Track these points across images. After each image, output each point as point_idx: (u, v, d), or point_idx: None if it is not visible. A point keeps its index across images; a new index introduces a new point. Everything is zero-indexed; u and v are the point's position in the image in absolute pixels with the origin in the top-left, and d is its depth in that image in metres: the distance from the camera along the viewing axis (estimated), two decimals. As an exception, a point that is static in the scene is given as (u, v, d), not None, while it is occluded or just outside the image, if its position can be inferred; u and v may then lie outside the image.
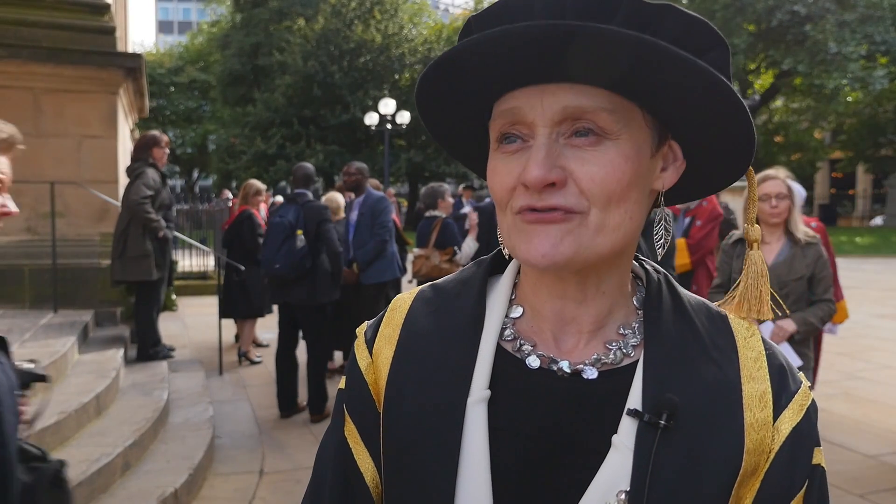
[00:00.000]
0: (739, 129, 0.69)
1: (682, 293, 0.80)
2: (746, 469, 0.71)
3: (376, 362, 0.82)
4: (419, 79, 0.72)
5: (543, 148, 0.67)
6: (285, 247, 5.19)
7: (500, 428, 0.74)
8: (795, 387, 0.75)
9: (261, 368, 6.89)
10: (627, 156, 0.68)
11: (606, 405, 0.73)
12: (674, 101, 0.68)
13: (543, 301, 0.77)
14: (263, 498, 3.97)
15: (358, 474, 0.81)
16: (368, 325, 0.88)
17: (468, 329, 0.79)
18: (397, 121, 21.42)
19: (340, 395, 0.87)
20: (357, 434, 0.83)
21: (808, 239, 3.54)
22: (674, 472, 0.68)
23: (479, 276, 0.83)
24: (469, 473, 0.72)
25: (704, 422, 0.70)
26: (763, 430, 0.72)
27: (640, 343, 0.76)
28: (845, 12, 19.20)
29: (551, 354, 0.76)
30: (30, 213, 6.36)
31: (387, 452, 0.79)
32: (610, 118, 0.67)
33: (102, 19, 6.82)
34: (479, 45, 0.65)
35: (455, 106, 0.76)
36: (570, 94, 0.67)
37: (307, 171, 5.55)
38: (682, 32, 0.66)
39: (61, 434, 3.72)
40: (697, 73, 0.63)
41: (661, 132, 0.72)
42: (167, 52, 43.33)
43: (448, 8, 56.01)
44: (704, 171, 0.77)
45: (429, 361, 0.79)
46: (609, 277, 0.75)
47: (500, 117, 0.71)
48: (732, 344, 0.76)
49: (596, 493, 0.69)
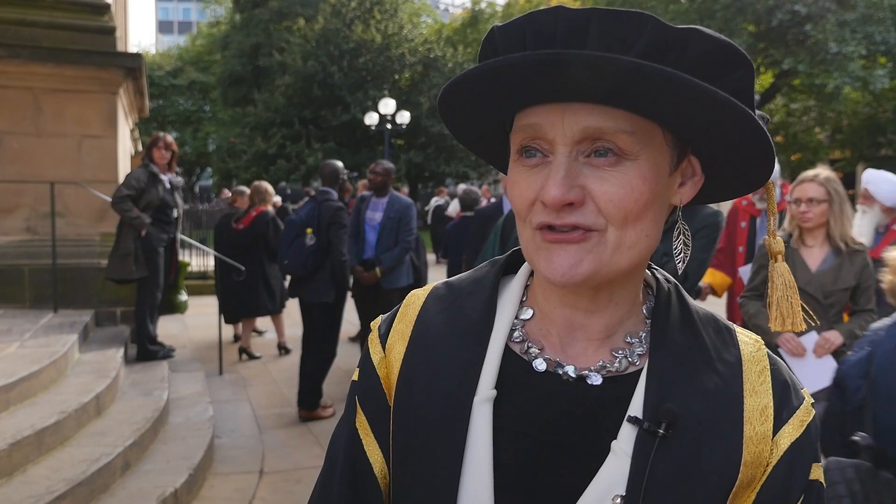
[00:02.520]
0: (758, 150, 0.70)
1: (691, 304, 0.81)
2: (743, 481, 0.72)
3: (389, 357, 0.84)
4: (441, 93, 0.74)
5: (563, 168, 0.68)
6: (295, 244, 5.22)
7: (504, 428, 0.75)
8: (798, 402, 0.77)
9: (261, 368, 6.89)
10: (646, 176, 0.69)
11: (608, 411, 0.74)
12: (693, 122, 0.69)
13: (553, 307, 0.78)
14: (263, 498, 3.96)
15: (367, 465, 0.83)
16: (382, 319, 0.90)
17: (478, 328, 0.80)
18: (397, 121, 21.40)
19: (353, 386, 0.88)
20: (368, 426, 0.84)
21: (854, 246, 3.26)
22: (670, 480, 0.70)
23: (493, 276, 0.85)
24: (472, 471, 0.74)
25: (704, 432, 0.72)
26: (762, 444, 0.73)
27: (645, 352, 0.77)
28: (846, 12, 19.19)
29: (558, 358, 0.77)
30: (30, 213, 6.36)
31: (396, 445, 0.81)
32: (629, 139, 0.67)
33: (102, 19, 6.82)
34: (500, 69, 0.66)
35: (477, 117, 0.77)
36: (592, 115, 0.67)
37: (332, 168, 5.56)
38: (705, 56, 0.66)
39: (61, 434, 3.72)
40: (714, 101, 0.64)
41: (681, 149, 0.73)
42: (167, 52, 43.33)
43: (448, 8, 56.00)
44: (721, 184, 0.78)
45: (439, 358, 0.80)
46: (622, 290, 0.76)
47: (521, 131, 0.71)
48: (738, 357, 0.77)
49: (592, 496, 0.71)
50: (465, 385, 0.77)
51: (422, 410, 0.78)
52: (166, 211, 5.90)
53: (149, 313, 5.86)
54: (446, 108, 0.77)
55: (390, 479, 0.83)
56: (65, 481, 3.28)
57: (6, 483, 3.24)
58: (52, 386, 4.26)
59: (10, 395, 3.80)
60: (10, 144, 6.30)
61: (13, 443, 3.35)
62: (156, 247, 5.79)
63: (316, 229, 5.23)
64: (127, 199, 5.56)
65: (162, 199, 5.82)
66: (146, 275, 5.72)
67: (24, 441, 3.41)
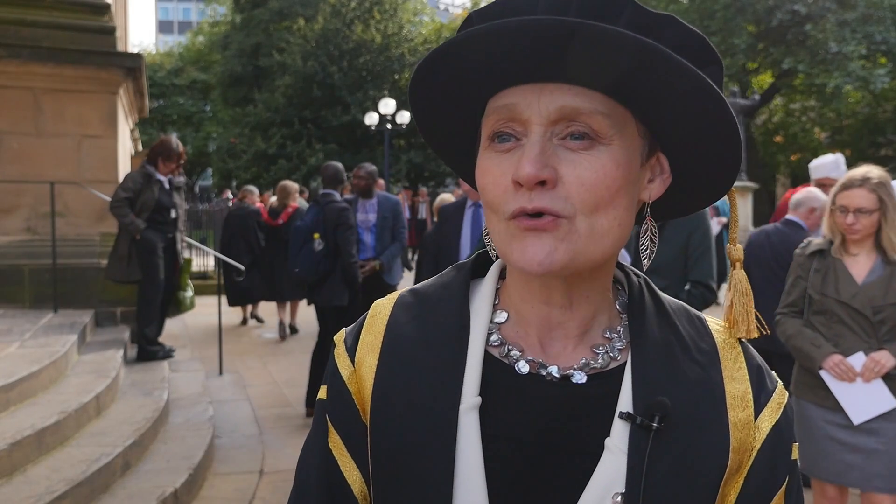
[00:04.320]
0: (727, 146, 0.70)
1: (662, 297, 0.81)
2: (732, 467, 0.73)
3: (359, 371, 0.80)
4: (416, 67, 0.72)
5: (537, 145, 0.66)
6: (304, 250, 5.23)
7: (493, 435, 0.73)
8: (772, 386, 0.78)
9: (261, 368, 6.90)
10: (619, 162, 0.68)
11: (597, 408, 0.73)
12: (668, 110, 0.69)
13: (529, 307, 0.77)
14: (263, 498, 3.97)
15: (345, 486, 0.79)
16: (347, 332, 0.85)
17: (454, 335, 0.77)
18: (397, 121, 21.41)
19: (321, 404, 0.84)
20: (342, 445, 0.80)
21: None
22: (667, 473, 0.70)
23: (461, 281, 0.82)
24: (465, 482, 0.71)
25: (693, 422, 0.72)
26: (746, 430, 0.74)
27: (625, 346, 0.76)
28: (846, 12, 19.19)
29: (539, 360, 0.75)
30: (30, 213, 6.36)
31: (376, 462, 0.77)
32: (605, 122, 0.67)
33: (102, 19, 6.82)
34: (478, 37, 0.65)
35: (449, 99, 0.76)
36: (568, 94, 0.67)
37: (334, 169, 5.57)
38: (680, 44, 0.66)
39: (61, 434, 3.72)
40: (695, 82, 0.64)
41: (651, 143, 0.73)
42: (167, 52, 43.32)
43: (448, 8, 56.01)
44: (689, 188, 0.78)
45: (416, 369, 0.77)
46: (594, 283, 0.76)
47: (495, 113, 0.70)
48: (713, 346, 0.78)
49: (592, 495, 0.70)
50: (448, 394, 0.74)
51: (404, 424, 0.75)
52: (163, 212, 5.88)
53: (147, 314, 5.85)
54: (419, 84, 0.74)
55: (371, 499, 0.79)
56: (65, 481, 3.28)
57: (6, 483, 3.24)
58: (52, 386, 4.26)
59: (10, 395, 3.80)
60: (10, 144, 6.30)
61: (13, 443, 3.35)
62: (153, 249, 5.77)
63: (323, 233, 5.23)
64: (124, 203, 5.57)
65: (158, 200, 5.79)
66: (140, 277, 5.72)
67: (24, 441, 3.41)
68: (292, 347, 7.69)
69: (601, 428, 0.72)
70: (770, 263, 4.10)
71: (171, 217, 5.97)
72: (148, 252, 5.75)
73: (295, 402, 5.74)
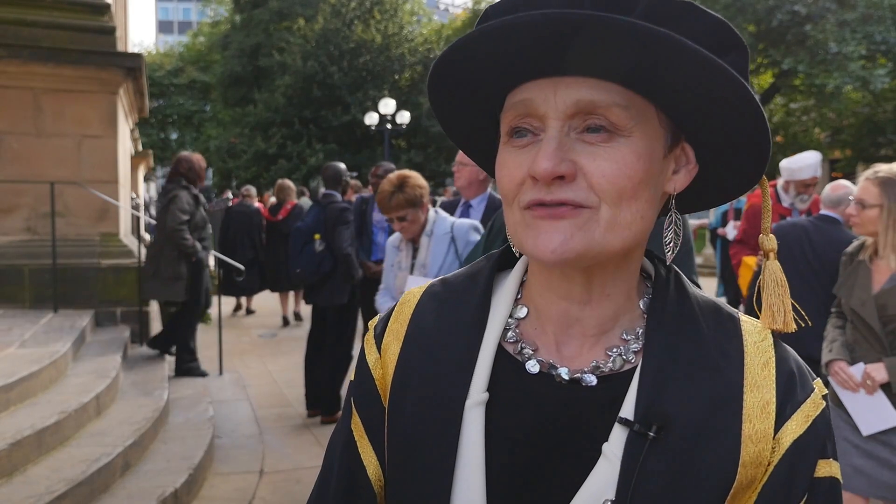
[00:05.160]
0: (754, 134, 0.68)
1: (691, 294, 0.77)
2: (741, 482, 0.69)
3: (384, 358, 0.82)
4: (433, 65, 0.71)
5: (554, 140, 0.66)
6: (305, 251, 5.23)
7: (496, 432, 0.73)
8: (804, 395, 0.72)
9: (261, 368, 6.90)
10: (639, 154, 0.67)
11: (602, 413, 0.72)
12: (689, 100, 0.67)
13: (548, 302, 0.76)
14: (263, 498, 3.96)
15: (361, 468, 0.81)
16: (379, 319, 0.87)
17: (471, 327, 0.78)
18: (397, 121, 21.39)
19: (350, 387, 0.87)
20: (362, 428, 0.82)
21: None
22: (661, 484, 0.67)
23: (487, 272, 0.82)
24: (465, 475, 0.72)
25: (698, 434, 0.69)
26: (762, 443, 0.69)
27: (641, 349, 0.74)
28: (846, 12, 19.18)
29: (551, 360, 0.75)
30: (30, 213, 6.36)
31: (390, 448, 0.79)
32: (623, 114, 0.66)
33: (102, 19, 6.82)
34: (491, 34, 0.64)
35: (467, 95, 0.75)
36: (584, 87, 0.66)
37: (335, 170, 5.56)
38: (701, 31, 0.65)
39: (61, 434, 3.72)
40: (715, 71, 0.62)
41: (675, 133, 0.71)
42: (167, 52, 43.30)
43: (448, 8, 55.98)
44: (716, 178, 0.76)
45: (432, 359, 0.78)
46: (615, 280, 0.74)
47: (512, 109, 0.70)
48: (740, 349, 0.73)
49: (583, 500, 0.69)
50: (458, 387, 0.74)
51: (415, 413, 0.76)
52: (205, 229, 6.02)
53: (192, 329, 5.99)
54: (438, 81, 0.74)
55: (385, 482, 0.81)
56: (65, 481, 3.27)
57: (6, 483, 3.24)
58: (52, 386, 4.26)
59: (10, 395, 3.80)
60: (10, 144, 6.29)
61: (13, 443, 3.34)
62: (203, 269, 5.89)
63: (323, 233, 5.22)
64: (185, 227, 5.62)
65: (204, 218, 5.93)
66: (186, 298, 5.81)
67: (24, 441, 3.41)
68: (292, 347, 7.68)
69: (604, 432, 0.71)
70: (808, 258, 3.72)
71: (209, 233, 6.10)
72: (200, 271, 5.85)
73: (295, 401, 5.74)
